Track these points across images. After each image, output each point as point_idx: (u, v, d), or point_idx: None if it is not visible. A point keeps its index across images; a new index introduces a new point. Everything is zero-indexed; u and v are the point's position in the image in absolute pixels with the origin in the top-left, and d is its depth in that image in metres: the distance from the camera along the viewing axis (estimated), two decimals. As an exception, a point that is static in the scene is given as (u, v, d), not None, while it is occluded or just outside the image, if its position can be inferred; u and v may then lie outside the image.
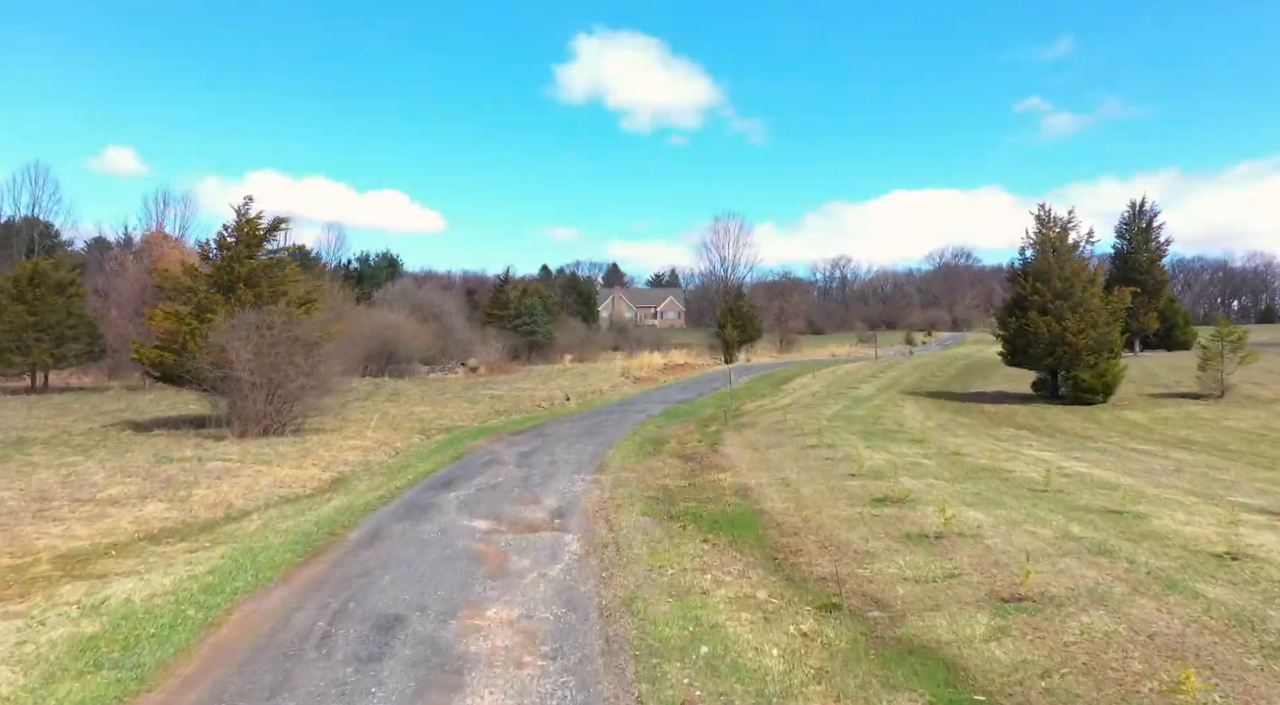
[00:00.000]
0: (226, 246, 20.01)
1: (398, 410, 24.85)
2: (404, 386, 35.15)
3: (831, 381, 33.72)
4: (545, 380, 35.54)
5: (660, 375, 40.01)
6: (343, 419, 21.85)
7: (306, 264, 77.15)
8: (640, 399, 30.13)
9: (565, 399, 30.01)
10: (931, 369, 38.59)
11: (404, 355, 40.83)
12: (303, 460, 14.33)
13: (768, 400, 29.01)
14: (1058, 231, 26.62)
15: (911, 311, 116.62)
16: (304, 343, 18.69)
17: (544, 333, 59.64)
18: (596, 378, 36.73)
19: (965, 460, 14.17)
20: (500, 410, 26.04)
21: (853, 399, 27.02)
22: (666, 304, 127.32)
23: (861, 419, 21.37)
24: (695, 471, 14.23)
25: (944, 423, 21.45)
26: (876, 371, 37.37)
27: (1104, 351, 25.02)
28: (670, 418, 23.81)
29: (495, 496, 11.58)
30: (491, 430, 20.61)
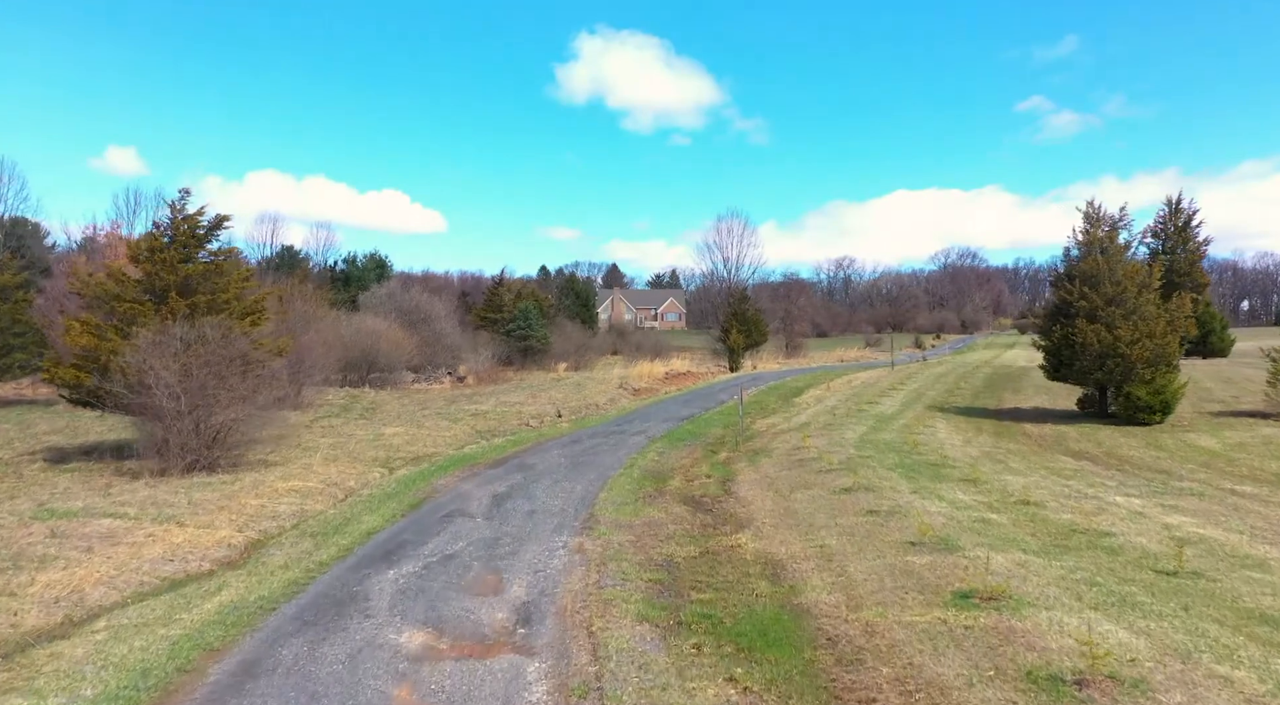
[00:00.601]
0: (158, 248, 17.19)
1: (365, 432, 22.04)
2: (383, 399, 32.35)
3: (849, 395, 30.90)
4: (536, 392, 32.74)
5: (661, 385, 37.21)
6: (299, 446, 19.04)
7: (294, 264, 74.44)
8: (639, 415, 27.34)
9: (557, 415, 27.21)
10: (955, 379, 35.77)
11: (386, 364, 38.02)
12: (219, 513, 11.52)
13: (780, 417, 26.20)
14: (1107, 230, 23.81)
15: (918, 313, 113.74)
16: (244, 362, 15.87)
17: (539, 337, 56.77)
18: (593, 389, 33.93)
19: (1043, 514, 11.35)
20: (483, 431, 23.24)
21: (877, 417, 24.20)
22: (667, 306, 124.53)
23: (894, 446, 18.56)
24: (707, 528, 11.42)
25: (989, 450, 18.63)
26: (896, 382, 34.55)
27: (1161, 365, 22.21)
28: (673, 441, 21.02)
29: (446, 577, 8.78)
30: (467, 461, 17.79)
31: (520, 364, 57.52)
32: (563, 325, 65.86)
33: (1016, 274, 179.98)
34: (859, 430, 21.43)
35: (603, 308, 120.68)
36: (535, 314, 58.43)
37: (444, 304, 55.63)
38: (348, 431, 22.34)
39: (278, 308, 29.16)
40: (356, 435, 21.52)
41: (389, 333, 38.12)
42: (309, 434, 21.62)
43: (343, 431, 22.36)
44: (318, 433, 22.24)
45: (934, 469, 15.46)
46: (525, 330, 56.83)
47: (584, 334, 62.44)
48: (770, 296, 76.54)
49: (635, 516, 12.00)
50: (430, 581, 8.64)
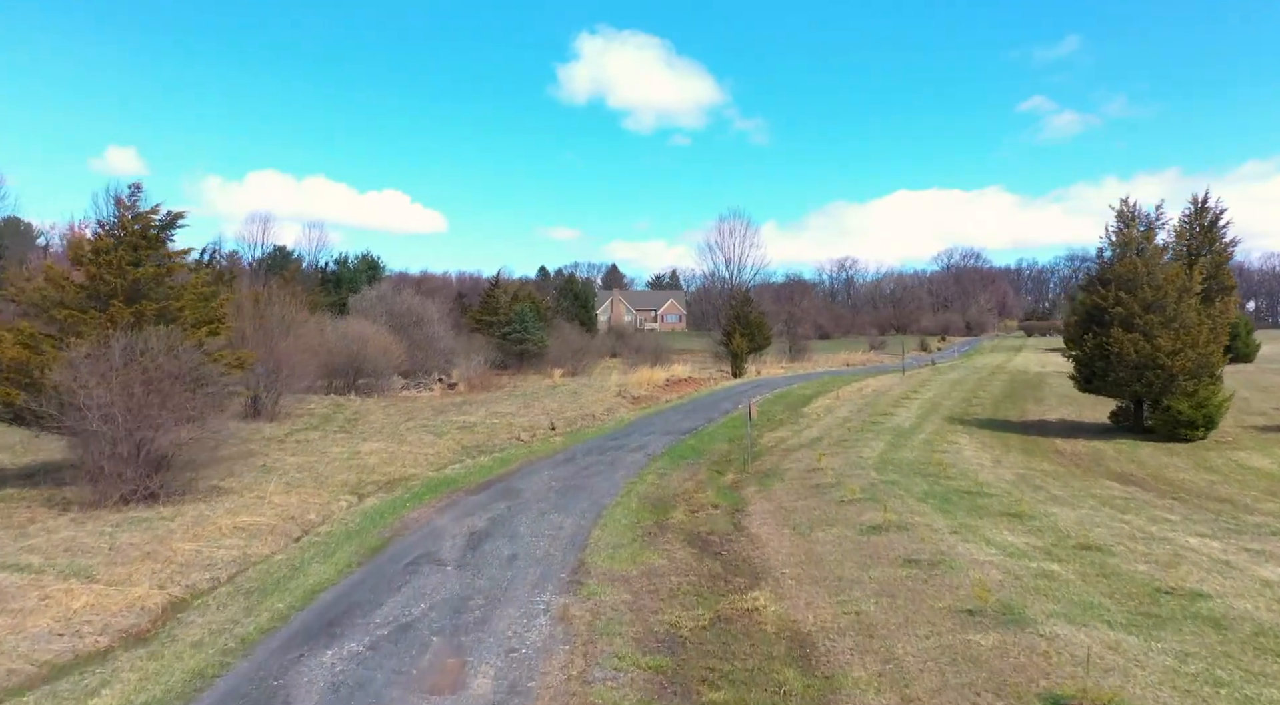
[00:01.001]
0: (104, 249, 15.46)
1: (341, 449, 20.30)
2: (368, 409, 30.60)
3: (860, 405, 29.16)
4: (530, 401, 31.00)
5: (662, 393, 35.46)
6: (264, 467, 17.30)
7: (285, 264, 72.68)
8: (639, 427, 25.61)
9: (550, 428, 25.47)
10: (971, 387, 34.02)
11: (374, 370, 36.28)
12: (142, 563, 9.79)
13: (789, 430, 24.48)
14: (1143, 230, 22.10)
15: (922, 315, 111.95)
16: (195, 377, 14.14)
17: (535, 341, 55.07)
18: (589, 397, 32.19)
19: (1112, 564, 9.62)
20: (469, 447, 21.50)
21: (894, 432, 22.46)
22: (667, 307, 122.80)
23: (918, 467, 16.84)
24: (717, 580, 9.69)
25: (1023, 473, 16.89)
26: (909, 391, 32.81)
27: (1203, 376, 20.48)
28: (675, 460, 19.29)
29: (396, 663, 7.04)
30: (447, 485, 16.06)
31: (516, 368, 55.79)
32: (560, 327, 64.10)
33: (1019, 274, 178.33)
34: (877, 447, 19.69)
35: (602, 309, 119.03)
36: (531, 317, 56.71)
37: (437, 306, 53.93)
38: (322, 448, 20.60)
39: (253, 312, 27.45)
40: (331, 453, 19.77)
41: (376, 338, 36.39)
42: (279, 451, 19.88)
43: (317, 448, 20.61)
44: (289, 449, 20.50)
45: (969, 498, 13.73)
46: (521, 333, 55.10)
47: (582, 337, 60.73)
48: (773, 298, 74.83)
49: (633, 564, 10.27)
50: (374, 669, 6.89)
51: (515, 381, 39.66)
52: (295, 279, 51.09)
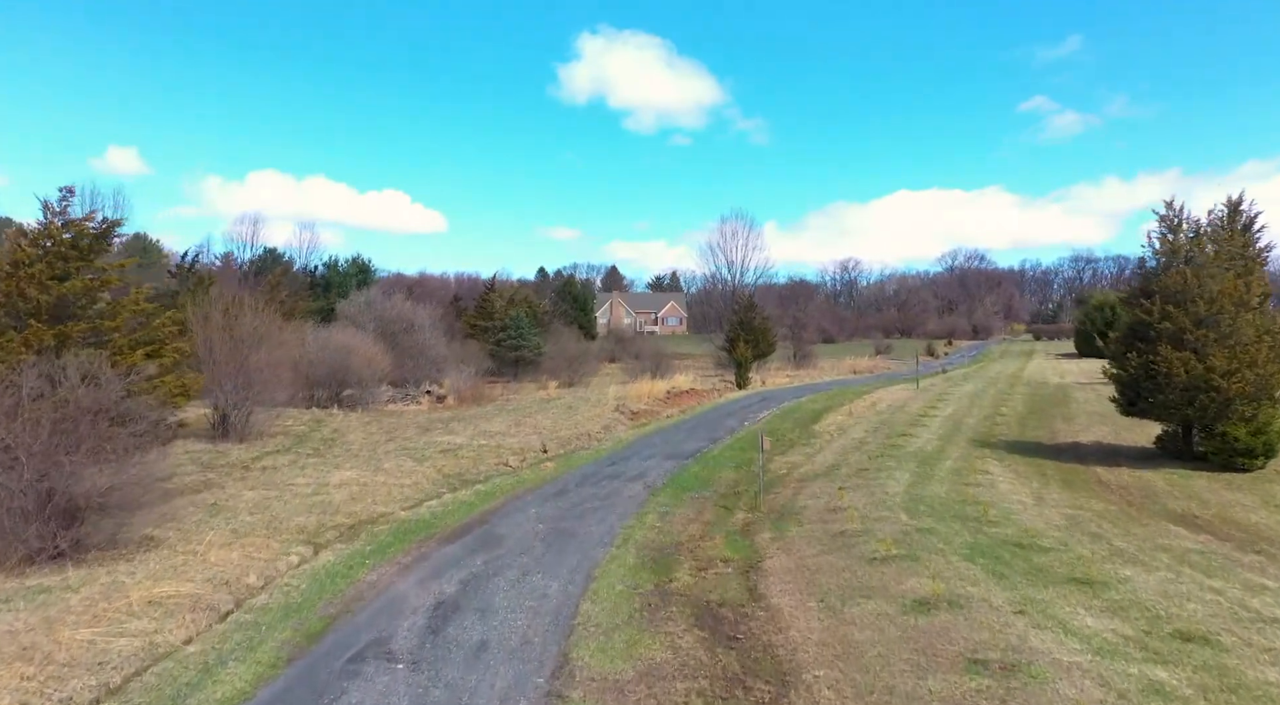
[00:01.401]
0: (23, 262, 13.48)
1: (307, 479, 18.32)
2: (348, 426, 28.64)
3: (876, 423, 27.17)
4: (522, 417, 29.03)
5: (662, 407, 33.48)
6: (213, 505, 15.32)
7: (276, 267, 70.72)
8: (638, 448, 23.65)
9: (542, 450, 23.49)
10: (992, 402, 32.00)
11: (359, 381, 34.30)
12: (11, 663, 7.81)
13: (802, 454, 22.51)
14: (1191, 237, 20.14)
15: (928, 318, 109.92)
16: (120, 414, 12.17)
17: (531, 347, 53.10)
18: (586, 413, 30.22)
19: (1234, 668, 7.63)
20: (451, 475, 19.54)
21: (918, 458, 20.49)
22: (668, 309, 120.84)
23: (953, 507, 14.87)
24: (735, 686, 7.71)
25: (1073, 514, 14.91)
26: (926, 406, 30.81)
27: (1262, 398, 18.51)
28: (679, 492, 17.34)
29: None
30: (419, 530, 14.09)
31: (512, 375, 53.78)
32: (558, 332, 62.04)
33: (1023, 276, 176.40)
34: (902, 479, 17.71)
35: (601, 311, 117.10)
36: (527, 323, 54.73)
37: (430, 312, 51.91)
38: (287, 478, 18.61)
39: (224, 324, 25.45)
40: (295, 484, 17.79)
41: (361, 347, 34.43)
42: (238, 483, 17.90)
43: (282, 478, 18.63)
44: (251, 479, 18.53)
45: (1022, 555, 11.74)
46: (516, 340, 53.12)
47: (580, 342, 58.69)
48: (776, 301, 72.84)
49: (628, 659, 8.29)
50: None
51: (508, 393, 37.69)
52: (280, 284, 49.24)
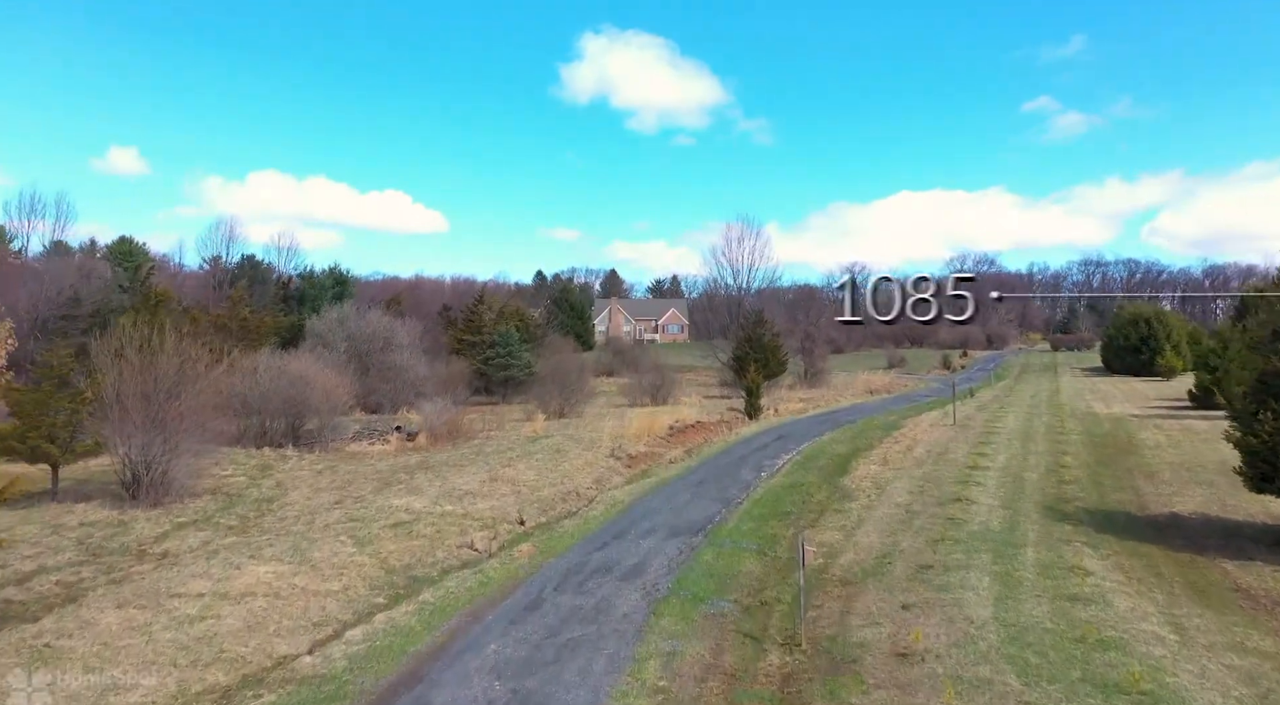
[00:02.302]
0: None
1: (208, 580, 14.04)
2: (296, 477, 24.41)
3: (919, 478, 22.89)
4: (500, 467, 24.77)
5: (665, 448, 29.23)
6: (38, 651, 11.06)
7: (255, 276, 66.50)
8: (636, 517, 19.40)
9: (518, 521, 19.24)
10: (1047, 445, 27.61)
11: (319, 415, 30.02)
12: None
13: (838, 528, 18.23)
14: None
15: (938, 327, 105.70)
16: None
17: (521, 366, 48.83)
18: (575, 459, 25.97)
19: None
20: (396, 571, 15.31)
21: (989, 543, 16.25)
22: (669, 317, 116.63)
23: (1068, 650, 10.65)
24: None
25: (1245, 667, 10.66)
26: (972, 452, 26.51)
27: None
28: (689, 605, 13.12)
29: None
30: (318, 703, 9.82)
31: (502, 395, 49.48)
32: (553, 344, 57.75)
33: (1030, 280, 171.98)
34: (982, 587, 13.47)
35: (600, 319, 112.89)
36: (517, 339, 50.45)
37: (412, 328, 47.52)
38: (179, 581, 14.32)
39: (139, 364, 21.17)
40: (185, 592, 13.52)
41: (320, 378, 30.16)
42: (109, 593, 13.64)
43: (171, 580, 14.34)
44: (134, 582, 14.28)
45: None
46: (505, 358, 48.86)
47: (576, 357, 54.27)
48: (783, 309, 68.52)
49: None
50: None
51: (491, 426, 33.39)
52: (244, 299, 45.01)
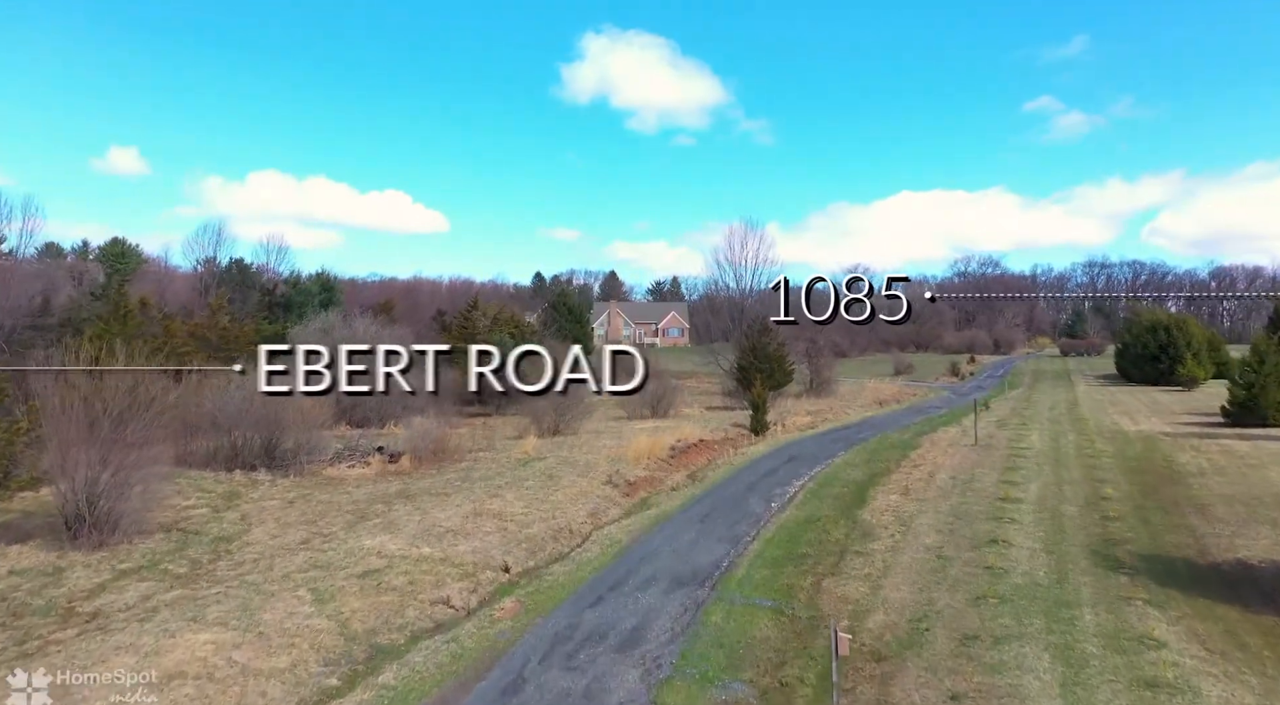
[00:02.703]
0: None
1: (133, 653, 11.97)
2: (265, 507, 22.35)
3: (946, 512, 20.83)
4: (486, 496, 22.72)
5: (667, 472, 27.19)
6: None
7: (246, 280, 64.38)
8: (635, 563, 17.34)
9: (503, 569, 17.18)
10: (1081, 471, 25.48)
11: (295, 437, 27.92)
12: None
13: (861, 577, 16.16)
14: None
15: (944, 331, 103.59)
16: None
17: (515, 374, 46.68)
18: (569, 487, 23.92)
19: None
20: (358, 634, 13.27)
21: (1037, 602, 14.21)
22: (669, 320, 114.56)
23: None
24: None
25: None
26: (1000, 481, 24.42)
27: None
28: (696, 690, 11.05)
29: None
30: None
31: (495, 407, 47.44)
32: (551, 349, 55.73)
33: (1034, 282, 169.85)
34: (1042, 671, 11.41)
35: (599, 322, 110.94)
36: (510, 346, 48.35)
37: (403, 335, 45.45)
38: (98, 655, 12.24)
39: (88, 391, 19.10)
40: (91, 677, 11.43)
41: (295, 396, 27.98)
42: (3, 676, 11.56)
43: (91, 653, 12.26)
44: (49, 655, 12.20)
45: None
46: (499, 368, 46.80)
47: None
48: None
49: None
50: None
51: (479, 448, 31.30)
52: (223, 309, 42.95)
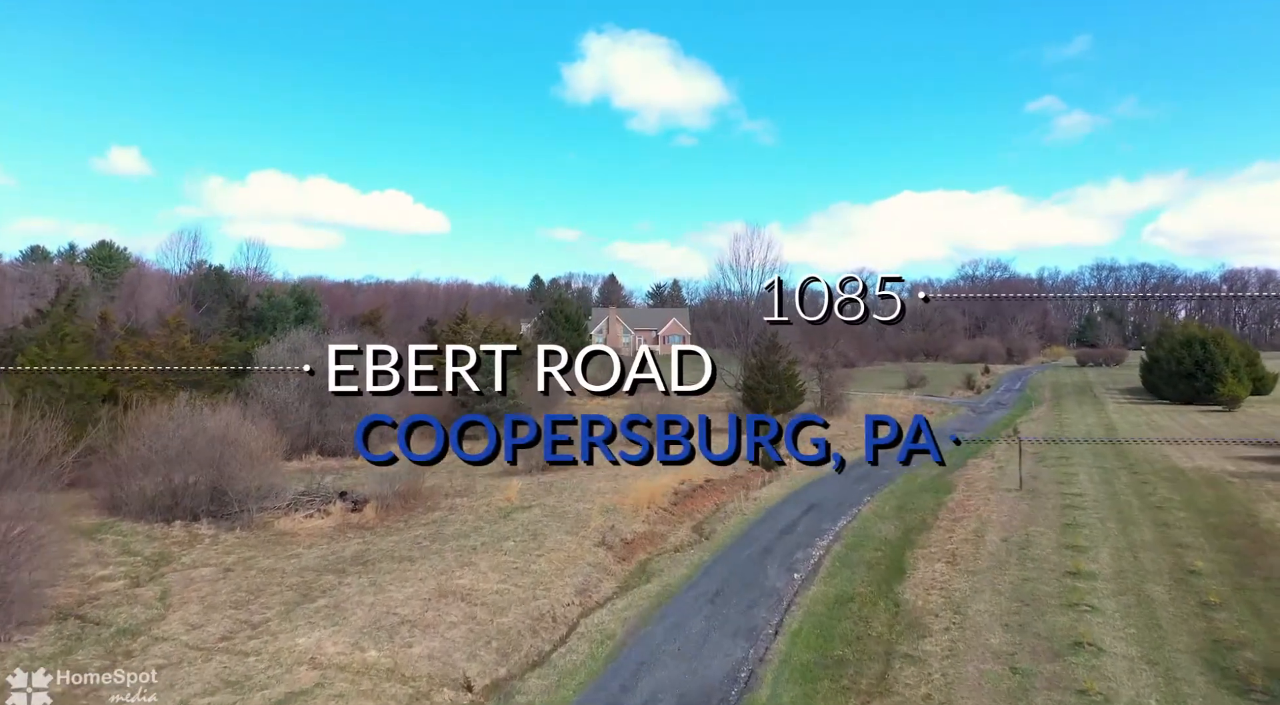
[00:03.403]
0: None
1: None
2: (196, 575, 18.85)
3: (1007, 592, 17.31)
4: (458, 563, 19.22)
5: (668, 524, 23.70)
6: None
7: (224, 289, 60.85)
8: (629, 672, 13.83)
9: (465, 686, 13.64)
10: (1156, 532, 21.78)
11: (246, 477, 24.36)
12: None
13: (909, 688, 12.63)
14: None
15: (956, 339, 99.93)
16: None
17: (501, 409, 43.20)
18: (555, 548, 20.42)
19: None
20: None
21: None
22: (669, 327, 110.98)
23: None
24: None
25: None
26: (1061, 540, 20.95)
27: None
28: None
29: None
30: None
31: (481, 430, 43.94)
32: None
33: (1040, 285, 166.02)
34: None
35: (597, 329, 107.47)
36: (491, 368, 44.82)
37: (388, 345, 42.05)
38: None
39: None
40: None
41: (245, 437, 24.55)
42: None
43: None
44: None
45: None
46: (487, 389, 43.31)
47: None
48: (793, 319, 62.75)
49: None
50: None
51: (456, 491, 27.75)
52: (182, 327, 39.40)
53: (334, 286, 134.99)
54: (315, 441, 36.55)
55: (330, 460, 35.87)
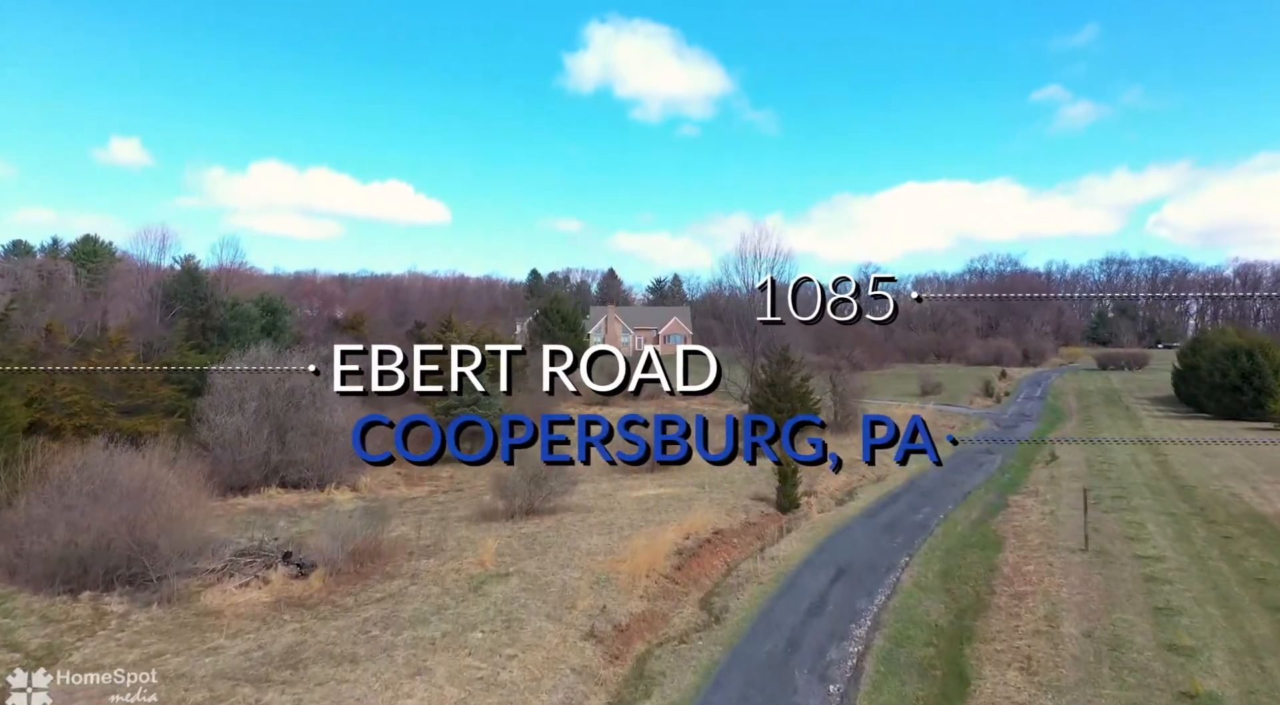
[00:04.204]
0: None
1: None
2: (80, 682, 14.89)
3: (1076, 686, 13.38)
4: (409, 668, 15.31)
5: (671, 601, 19.83)
6: None
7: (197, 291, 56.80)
8: None
9: None
10: (1264, 607, 18.04)
11: (168, 539, 20.43)
12: None
13: None
14: None
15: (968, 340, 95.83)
16: None
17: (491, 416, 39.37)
18: (532, 644, 16.53)
19: None
20: None
21: None
22: (670, 326, 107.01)
23: None
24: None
25: None
26: (1159, 636, 17.04)
27: None
28: None
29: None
30: None
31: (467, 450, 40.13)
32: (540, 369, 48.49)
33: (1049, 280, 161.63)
34: None
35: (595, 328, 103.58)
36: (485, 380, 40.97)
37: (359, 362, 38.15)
38: None
39: None
40: None
41: (168, 488, 20.62)
42: None
43: None
44: None
45: None
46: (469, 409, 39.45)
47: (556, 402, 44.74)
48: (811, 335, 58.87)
49: None
50: None
51: (422, 550, 23.83)
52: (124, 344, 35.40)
53: (327, 282, 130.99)
54: (275, 473, 32.68)
55: (291, 495, 32.06)
